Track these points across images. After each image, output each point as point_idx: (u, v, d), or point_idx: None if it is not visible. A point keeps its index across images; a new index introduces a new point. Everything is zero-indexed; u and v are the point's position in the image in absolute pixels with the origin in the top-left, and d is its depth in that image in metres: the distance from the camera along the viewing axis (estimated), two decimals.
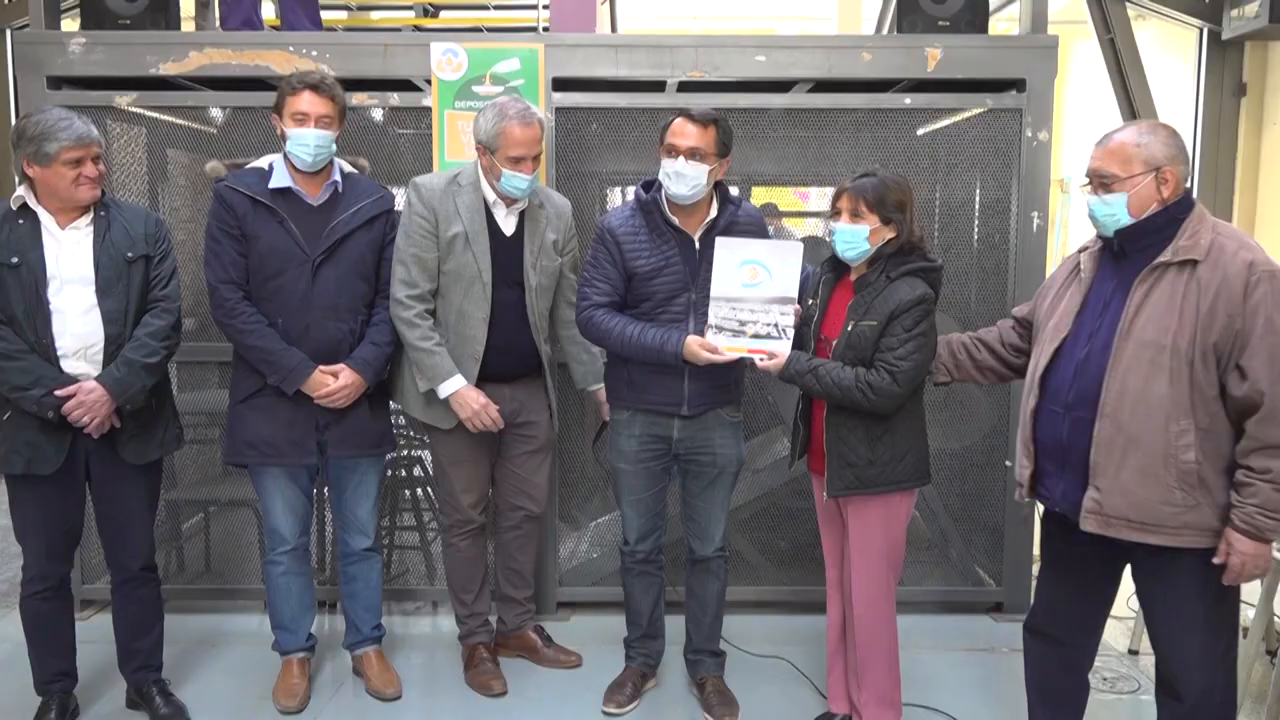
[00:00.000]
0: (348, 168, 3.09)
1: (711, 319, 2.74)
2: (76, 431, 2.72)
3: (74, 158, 2.65)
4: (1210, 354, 2.16)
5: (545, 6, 5.29)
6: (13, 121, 8.22)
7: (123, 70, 3.57)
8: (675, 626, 3.24)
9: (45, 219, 2.72)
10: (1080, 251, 2.46)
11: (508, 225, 3.10)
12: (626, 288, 2.88)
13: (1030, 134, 3.58)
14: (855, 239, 2.63)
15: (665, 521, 3.13)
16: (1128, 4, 7.19)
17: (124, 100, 3.59)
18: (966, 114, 3.69)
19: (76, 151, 2.65)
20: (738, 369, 2.94)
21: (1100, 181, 2.27)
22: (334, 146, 2.96)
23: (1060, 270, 2.53)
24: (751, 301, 2.72)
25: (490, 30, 5.68)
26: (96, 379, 2.71)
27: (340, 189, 3.00)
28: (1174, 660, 2.32)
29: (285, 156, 2.96)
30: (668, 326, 2.81)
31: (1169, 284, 2.20)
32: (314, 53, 3.57)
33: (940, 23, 3.73)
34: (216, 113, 3.79)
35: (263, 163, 3.01)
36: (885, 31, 4.80)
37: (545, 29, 5.16)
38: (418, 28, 5.92)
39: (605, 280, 2.89)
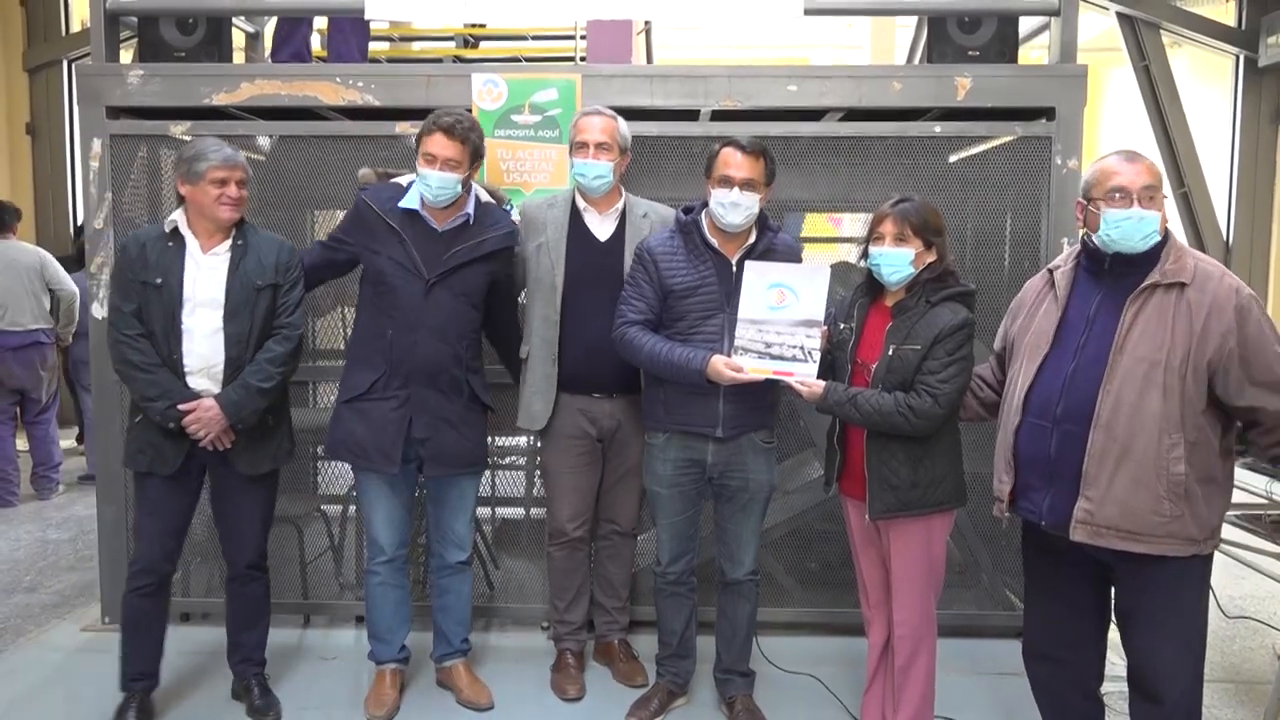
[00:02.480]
0: (485, 197, 3.21)
1: (738, 340, 2.81)
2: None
3: (219, 177, 2.90)
4: (1203, 370, 2.27)
5: (583, 38, 5.40)
6: (69, 148, 8.48)
7: (178, 100, 3.72)
8: (707, 646, 3.28)
9: (191, 244, 2.96)
10: (1051, 270, 2.55)
11: (602, 231, 3.25)
12: (662, 306, 2.96)
13: (1060, 161, 3.61)
14: (901, 263, 2.67)
15: (697, 544, 3.18)
16: (1162, 31, 7.20)
17: (178, 129, 3.73)
18: (996, 142, 3.74)
19: (222, 172, 2.90)
20: (774, 393, 3.00)
21: (1147, 194, 2.33)
22: (459, 188, 3.07)
23: (1029, 290, 2.62)
24: (778, 324, 2.78)
25: (529, 61, 5.80)
26: (215, 398, 2.90)
27: (471, 220, 3.11)
28: (1155, 666, 2.40)
29: None
30: (699, 347, 2.87)
31: (1158, 303, 2.30)
32: (360, 84, 3.69)
33: (970, 52, 3.79)
34: (264, 141, 3.93)
35: (406, 179, 3.18)
36: (917, 60, 4.86)
37: (583, 60, 5.27)
38: (458, 58, 6.05)
39: (641, 299, 2.97)
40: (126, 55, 4.16)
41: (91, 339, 3.84)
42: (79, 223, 7.75)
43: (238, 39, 4.72)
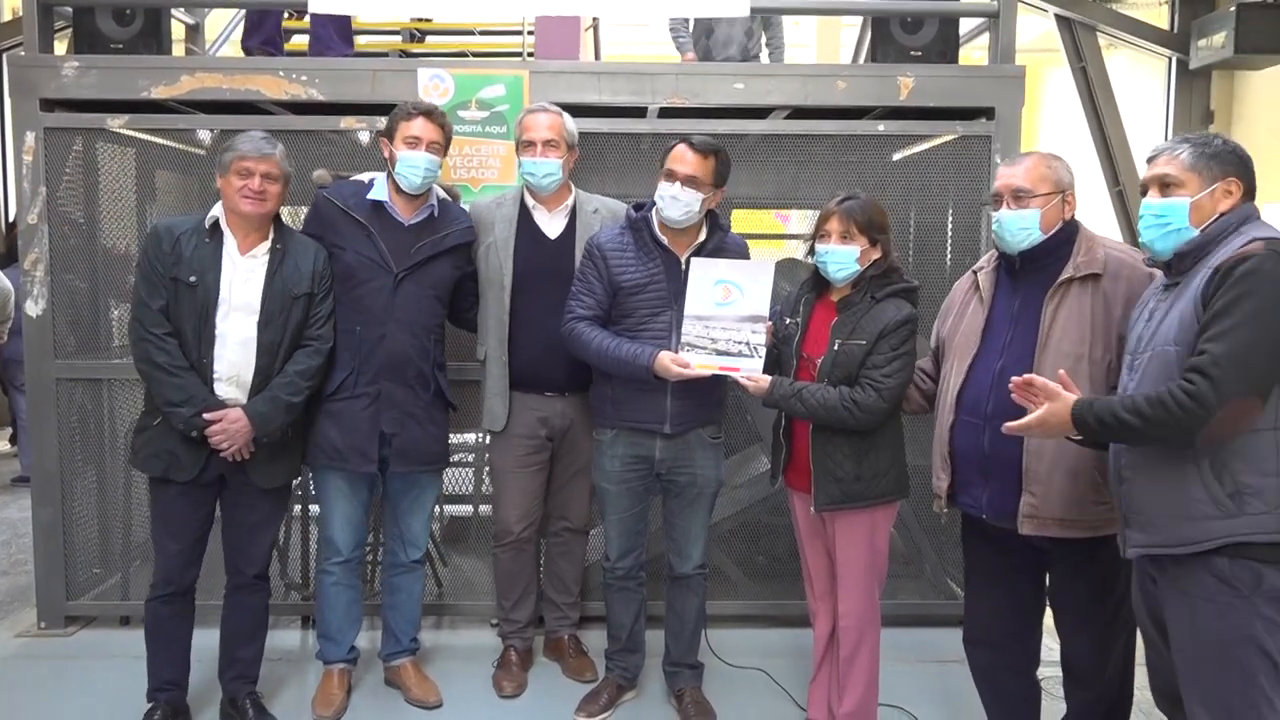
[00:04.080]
0: (442, 194, 3.20)
1: (684, 336, 2.83)
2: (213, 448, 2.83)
3: (244, 168, 2.78)
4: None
5: (530, 34, 5.39)
6: (1, 141, 8.22)
7: (115, 93, 3.64)
8: (656, 640, 3.31)
9: (229, 243, 2.84)
10: (975, 272, 2.63)
11: (551, 228, 3.24)
12: (611, 303, 2.97)
13: (999, 160, 3.67)
14: (846, 260, 2.71)
15: (646, 539, 3.20)
16: (1099, 34, 7.37)
17: (116, 123, 3.65)
18: (938, 140, 3.82)
19: (248, 163, 2.78)
20: (721, 389, 3.02)
21: (1015, 196, 2.42)
22: (439, 173, 3.09)
23: (957, 291, 2.70)
24: (724, 320, 2.80)
25: (476, 56, 5.77)
26: (243, 408, 2.81)
27: (435, 213, 3.11)
28: (1086, 649, 2.51)
29: (389, 177, 3.08)
30: (647, 343, 2.89)
31: (1075, 298, 2.39)
32: (303, 78, 3.64)
33: (913, 52, 3.86)
34: (204, 135, 3.87)
35: (365, 177, 3.14)
36: (861, 60, 4.93)
37: (530, 55, 5.26)
38: (404, 53, 6.00)
39: (590, 294, 2.98)
40: (61, 47, 4.06)
41: (25, 337, 3.74)
42: (11, 218, 7.53)
43: (177, 31, 4.64)
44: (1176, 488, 2.04)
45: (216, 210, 2.87)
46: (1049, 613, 2.65)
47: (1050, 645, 2.69)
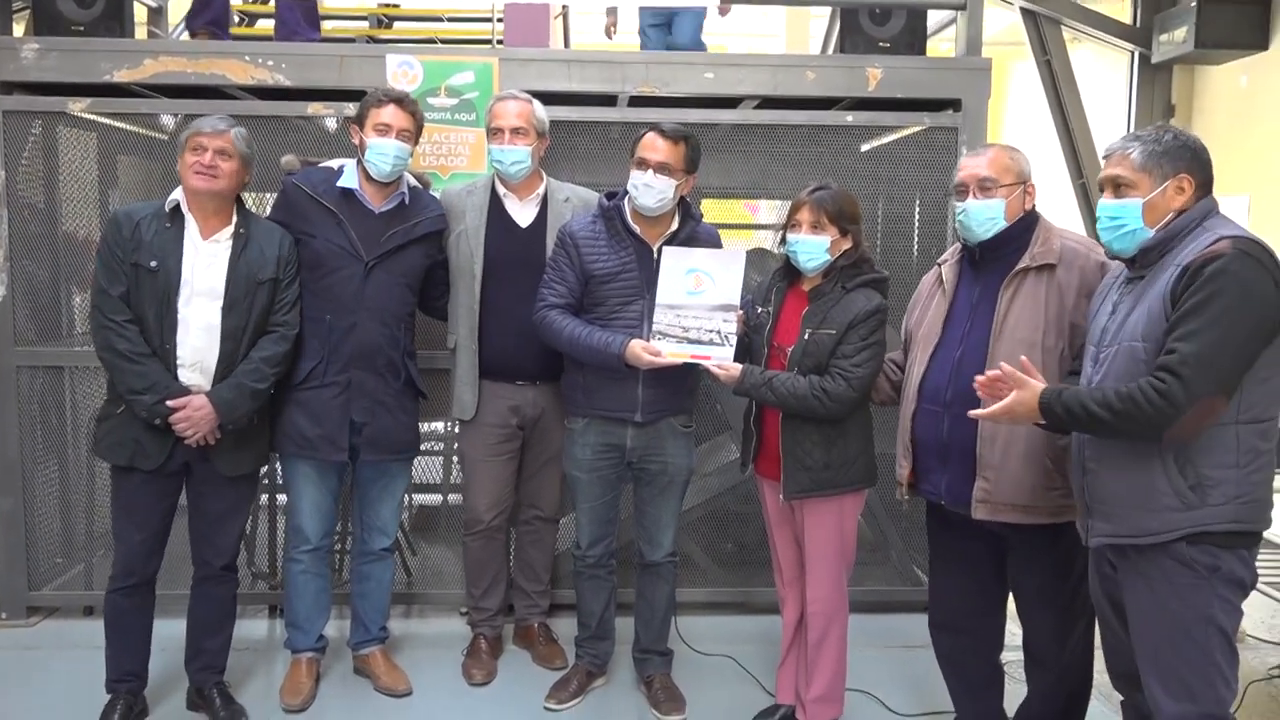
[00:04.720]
0: (413, 182, 3.18)
1: (656, 324, 2.85)
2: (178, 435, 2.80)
3: (198, 144, 2.76)
4: (1080, 347, 2.36)
5: (499, 20, 5.36)
6: None
7: (76, 76, 3.58)
8: (626, 627, 3.32)
9: (190, 228, 2.80)
10: (940, 264, 2.68)
11: (523, 217, 3.23)
12: (583, 291, 2.97)
13: (965, 152, 3.72)
14: (817, 250, 2.73)
15: (616, 528, 3.21)
16: (1063, 27, 7.45)
17: (77, 106, 3.59)
18: (906, 131, 3.85)
19: (201, 138, 2.76)
20: (693, 378, 3.04)
21: (981, 186, 2.47)
22: (409, 161, 3.07)
23: (923, 285, 2.75)
24: (695, 308, 2.82)
25: (444, 43, 5.73)
26: (207, 394, 2.77)
27: (406, 201, 3.09)
28: (1045, 631, 2.56)
29: (359, 164, 3.05)
30: (619, 332, 2.89)
31: (1030, 287, 2.44)
32: (270, 63, 3.60)
33: (881, 44, 3.90)
34: (167, 120, 3.81)
35: (334, 163, 3.11)
36: (830, 51, 4.95)
37: (499, 43, 5.23)
38: (371, 39, 5.95)
39: (562, 282, 2.98)
40: (19, 29, 3.97)
41: None
42: None
43: (139, 13, 4.56)
44: (1141, 480, 2.09)
45: (177, 194, 2.82)
46: (1011, 597, 2.71)
47: (1013, 630, 2.74)
